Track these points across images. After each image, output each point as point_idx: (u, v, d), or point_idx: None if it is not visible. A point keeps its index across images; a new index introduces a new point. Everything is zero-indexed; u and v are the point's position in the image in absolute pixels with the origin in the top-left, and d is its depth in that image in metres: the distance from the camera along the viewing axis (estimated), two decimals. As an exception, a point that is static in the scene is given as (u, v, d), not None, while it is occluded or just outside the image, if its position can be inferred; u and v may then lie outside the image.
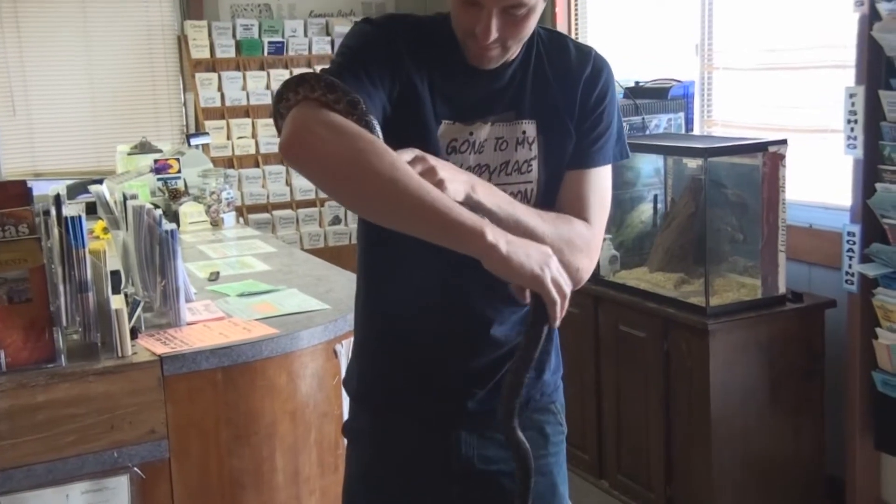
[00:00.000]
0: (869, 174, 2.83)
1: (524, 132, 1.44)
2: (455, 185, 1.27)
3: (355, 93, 1.26)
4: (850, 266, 2.90)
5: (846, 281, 2.92)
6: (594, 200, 1.46)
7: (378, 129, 1.27)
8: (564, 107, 1.45)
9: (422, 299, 1.46)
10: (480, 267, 1.33)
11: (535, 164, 1.44)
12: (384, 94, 1.35)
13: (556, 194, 1.46)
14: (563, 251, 1.37)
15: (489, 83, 1.43)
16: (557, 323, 1.27)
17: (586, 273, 1.43)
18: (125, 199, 2.42)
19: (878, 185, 2.79)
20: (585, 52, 1.49)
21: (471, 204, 1.29)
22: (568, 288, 1.26)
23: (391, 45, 1.38)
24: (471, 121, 1.41)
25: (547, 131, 1.44)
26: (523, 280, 1.24)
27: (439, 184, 1.25)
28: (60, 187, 3.37)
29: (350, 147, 1.21)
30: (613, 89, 1.50)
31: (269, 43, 5.48)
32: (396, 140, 1.32)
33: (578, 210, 1.44)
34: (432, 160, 1.27)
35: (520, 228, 1.33)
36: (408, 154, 1.26)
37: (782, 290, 3.09)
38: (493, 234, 1.22)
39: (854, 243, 2.88)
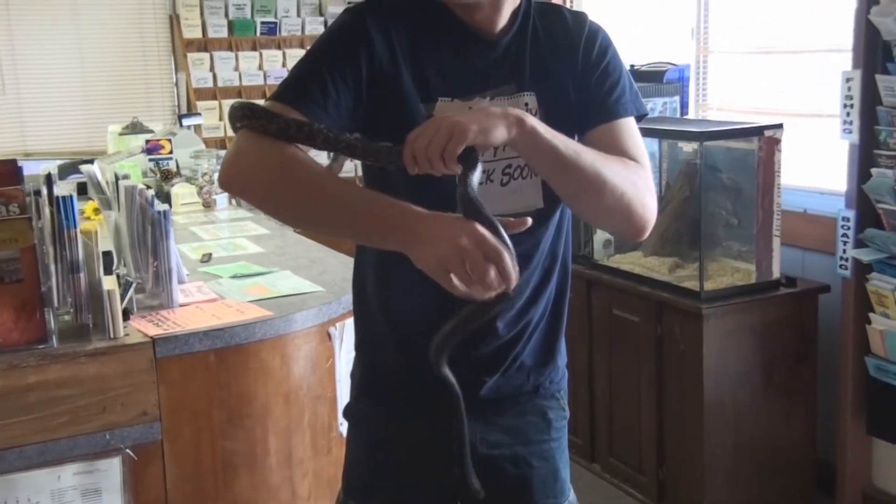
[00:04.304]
0: (864, 159, 2.83)
1: (526, 104, 1.41)
2: (496, 131, 1.23)
3: (302, 104, 1.31)
4: (844, 251, 2.90)
5: (840, 266, 2.92)
6: (632, 144, 1.43)
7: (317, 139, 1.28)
8: (564, 74, 1.43)
9: (425, 292, 1.44)
10: None
11: None
12: (347, 91, 1.34)
13: None
14: (634, 194, 1.35)
15: (483, 54, 1.41)
16: (506, 289, 1.18)
17: (652, 213, 1.40)
18: (117, 179, 2.39)
19: (874, 171, 2.79)
20: (581, 17, 1.48)
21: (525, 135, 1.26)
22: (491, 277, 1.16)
23: (359, 36, 1.36)
24: (468, 96, 1.39)
25: (547, 103, 1.42)
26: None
27: (484, 132, 1.21)
28: (51, 167, 3.34)
29: (271, 167, 1.27)
30: (614, 47, 1.48)
31: (262, 23, 5.45)
32: (382, 126, 1.34)
33: (621, 155, 1.40)
34: (465, 120, 1.21)
35: (583, 168, 1.30)
36: (436, 122, 1.23)
37: (776, 274, 3.09)
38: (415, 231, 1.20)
39: (848, 228, 2.88)
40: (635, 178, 1.37)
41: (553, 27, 1.45)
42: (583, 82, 1.44)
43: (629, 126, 1.45)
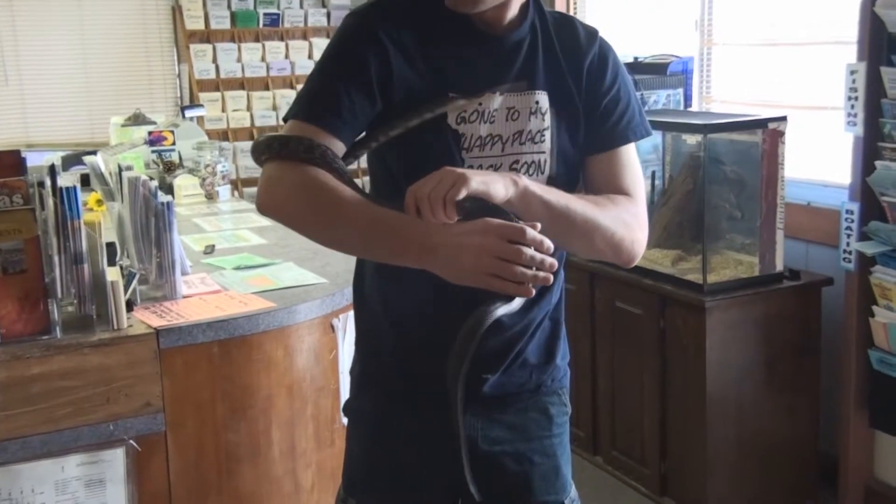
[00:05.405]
0: (869, 152, 2.82)
1: (537, 102, 1.43)
2: (495, 185, 1.27)
3: (318, 118, 1.33)
4: (848, 244, 2.89)
5: (844, 259, 2.92)
6: (629, 175, 1.47)
7: (336, 162, 1.32)
8: (573, 81, 1.45)
9: (423, 285, 1.43)
10: None
11: (547, 134, 1.43)
12: (361, 96, 1.36)
13: (568, 165, 1.45)
14: (624, 233, 1.39)
15: (492, 50, 1.42)
16: (518, 293, 1.21)
17: (641, 246, 1.45)
18: (120, 170, 2.39)
19: (878, 163, 2.78)
20: (592, 33, 1.50)
21: (521, 196, 1.29)
22: (516, 268, 1.19)
23: (367, 40, 1.37)
24: (479, 91, 1.40)
25: (558, 103, 1.44)
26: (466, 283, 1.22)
27: (485, 184, 1.25)
28: (54, 158, 3.34)
29: (292, 191, 1.31)
30: (623, 69, 1.51)
31: (265, 14, 5.44)
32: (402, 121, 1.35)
33: (617, 189, 1.45)
34: (467, 172, 1.25)
35: (574, 217, 1.34)
36: (439, 173, 1.25)
37: (780, 267, 3.09)
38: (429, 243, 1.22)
39: (852, 221, 2.87)
40: (626, 216, 1.41)
41: (564, 35, 1.47)
42: (591, 102, 1.46)
43: (628, 153, 1.48)
